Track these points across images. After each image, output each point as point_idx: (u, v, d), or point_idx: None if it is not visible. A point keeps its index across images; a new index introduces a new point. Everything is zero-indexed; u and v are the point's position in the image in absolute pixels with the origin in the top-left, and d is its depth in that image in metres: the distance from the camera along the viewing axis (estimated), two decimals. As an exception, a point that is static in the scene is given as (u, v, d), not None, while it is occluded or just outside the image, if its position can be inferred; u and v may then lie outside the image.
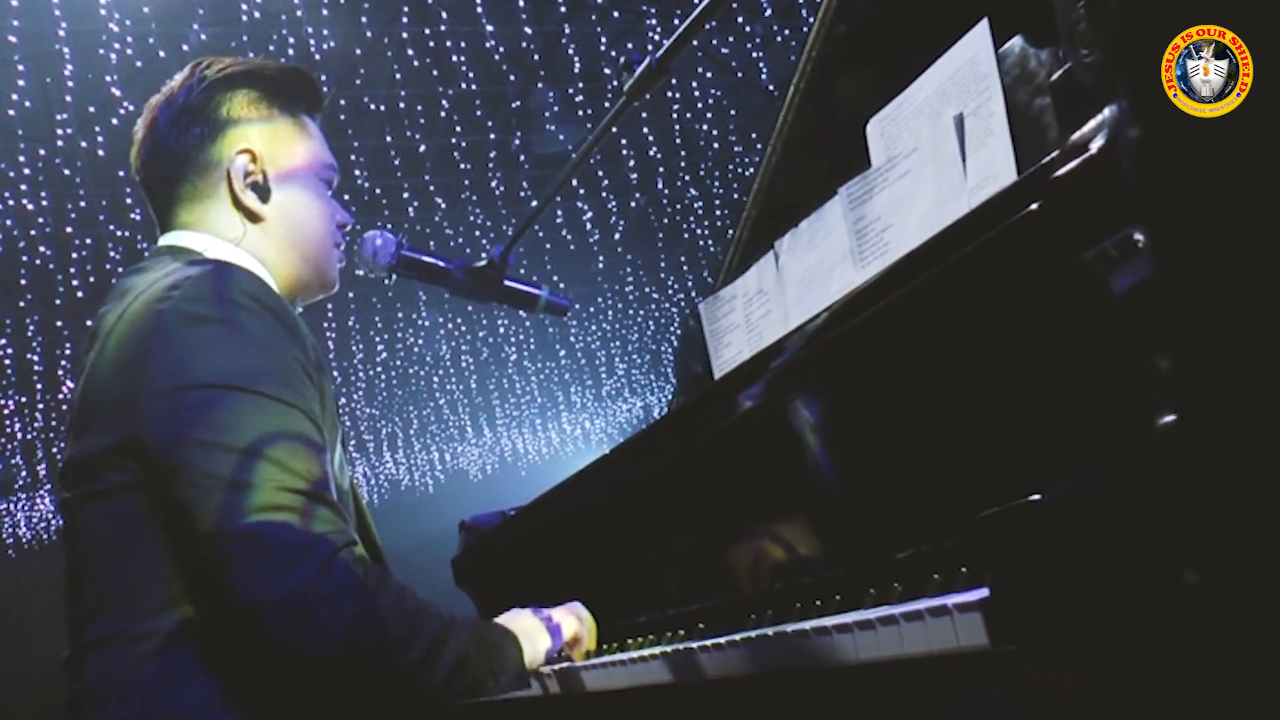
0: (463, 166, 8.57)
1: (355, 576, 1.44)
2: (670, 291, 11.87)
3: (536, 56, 7.97)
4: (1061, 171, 0.93)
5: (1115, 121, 0.84)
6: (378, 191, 8.60)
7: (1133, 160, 0.81)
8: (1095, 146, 0.89)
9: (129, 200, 7.53)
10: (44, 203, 7.60)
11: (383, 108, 7.82)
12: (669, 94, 8.39)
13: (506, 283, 2.04)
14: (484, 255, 2.04)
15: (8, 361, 9.23)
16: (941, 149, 1.49)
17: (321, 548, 1.42)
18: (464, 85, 7.76)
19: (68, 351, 9.10)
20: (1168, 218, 0.84)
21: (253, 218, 1.75)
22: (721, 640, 1.16)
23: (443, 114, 7.98)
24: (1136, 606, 0.77)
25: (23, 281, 8.26)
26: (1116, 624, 0.77)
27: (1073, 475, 0.85)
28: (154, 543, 1.51)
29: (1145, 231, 0.82)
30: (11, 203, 7.45)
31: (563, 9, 7.43)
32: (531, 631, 1.69)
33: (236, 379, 1.47)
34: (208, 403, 1.46)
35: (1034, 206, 0.98)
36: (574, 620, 1.78)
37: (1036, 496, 0.77)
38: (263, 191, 1.75)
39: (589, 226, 9.83)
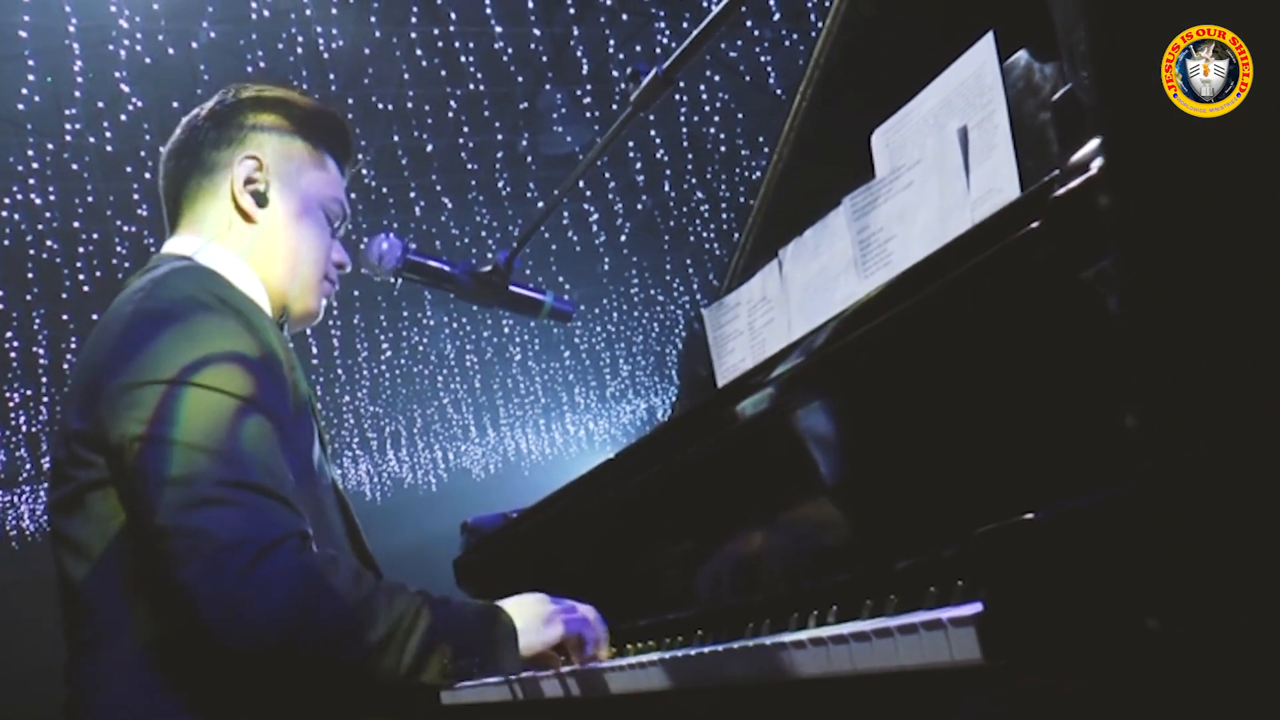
0: (470, 166, 8.58)
1: (292, 567, 1.41)
2: (675, 294, 11.88)
3: (545, 58, 7.99)
4: (1061, 191, 0.94)
5: (1112, 144, 0.84)
6: (384, 190, 8.62)
7: (1126, 183, 0.82)
8: (1095, 167, 0.89)
9: (136, 196, 7.56)
10: (51, 197, 7.64)
11: (390, 107, 7.83)
12: (676, 96, 8.39)
13: (511, 288, 2.05)
14: (489, 259, 2.05)
15: (14, 354, 9.27)
16: (945, 161, 1.50)
17: (256, 540, 1.40)
18: (472, 85, 7.78)
19: (73, 345, 9.12)
20: (1159, 237, 0.85)
21: (245, 218, 1.76)
22: (719, 648, 1.17)
23: (450, 114, 8.00)
24: (1129, 624, 0.78)
25: (29, 275, 8.30)
26: (1109, 641, 0.78)
27: (1068, 491, 0.86)
28: (122, 544, 1.51)
29: (1132, 252, 0.83)
30: (20, 196, 7.49)
31: (571, 10, 7.45)
32: (534, 616, 1.64)
33: (182, 373, 1.47)
34: (154, 398, 1.47)
35: (1035, 225, 0.99)
36: (584, 620, 1.71)
37: (1030, 515, 0.78)
38: (260, 199, 1.76)
39: (595, 228, 9.85)
